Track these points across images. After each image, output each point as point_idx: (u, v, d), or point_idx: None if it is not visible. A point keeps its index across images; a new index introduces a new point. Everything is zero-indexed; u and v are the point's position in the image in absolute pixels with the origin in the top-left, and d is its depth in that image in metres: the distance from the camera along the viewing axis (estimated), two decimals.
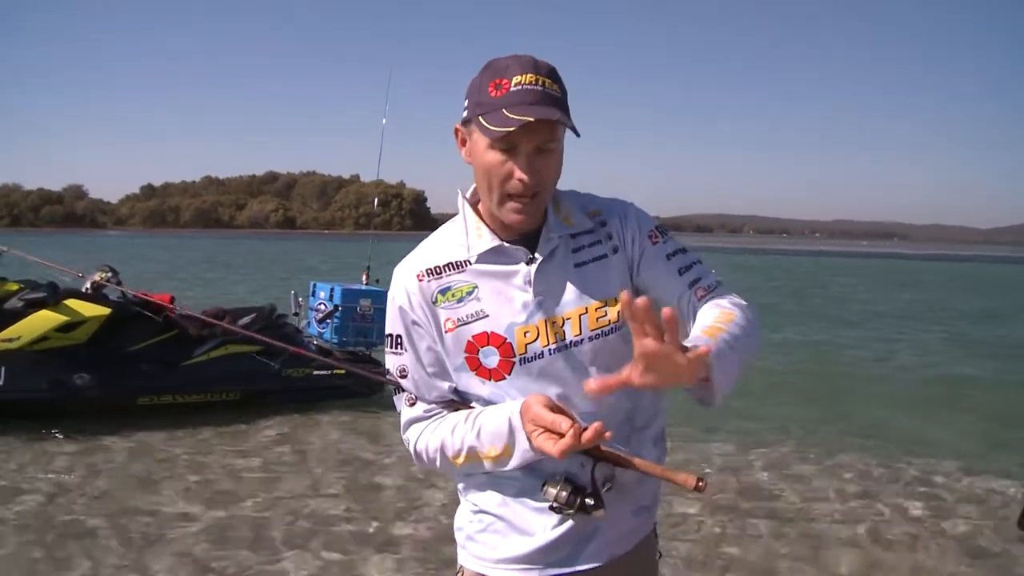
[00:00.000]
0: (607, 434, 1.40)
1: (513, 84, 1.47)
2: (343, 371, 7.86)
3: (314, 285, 8.59)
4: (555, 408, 1.47)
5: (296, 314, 8.35)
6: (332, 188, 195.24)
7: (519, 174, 1.49)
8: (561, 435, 1.42)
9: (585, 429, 1.40)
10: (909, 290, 31.12)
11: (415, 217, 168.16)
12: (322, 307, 8.16)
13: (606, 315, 1.59)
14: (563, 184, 1.66)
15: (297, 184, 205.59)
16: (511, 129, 1.44)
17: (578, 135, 1.52)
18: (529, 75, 1.48)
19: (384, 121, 8.94)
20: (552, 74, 1.51)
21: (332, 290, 8.20)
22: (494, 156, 1.50)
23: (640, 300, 1.23)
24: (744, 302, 1.62)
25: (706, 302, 1.60)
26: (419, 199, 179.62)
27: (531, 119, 1.43)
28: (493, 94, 1.48)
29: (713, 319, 1.52)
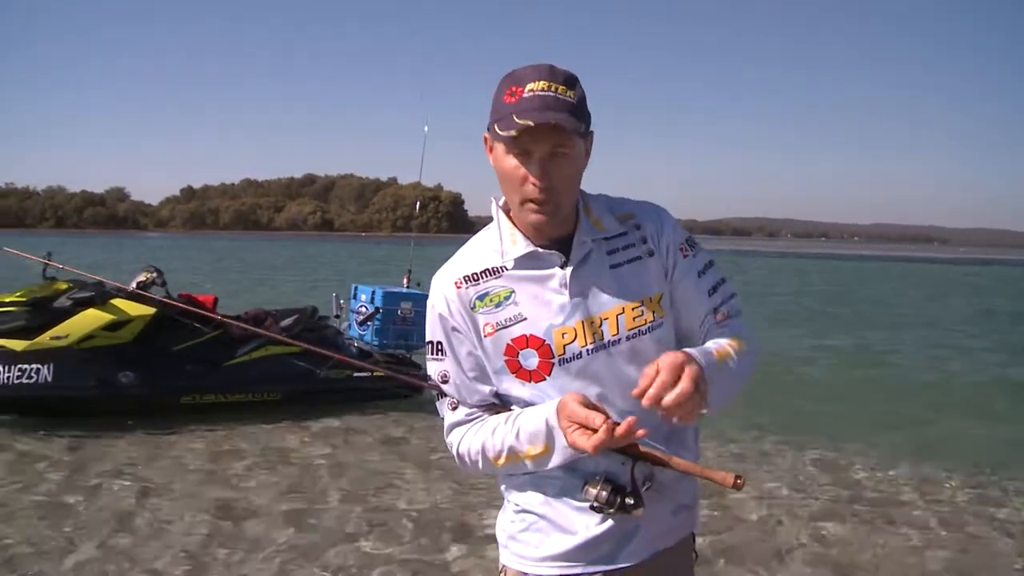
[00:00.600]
0: (640, 431, 1.44)
1: (526, 91, 1.51)
2: (383, 373, 7.92)
3: (355, 288, 8.63)
4: (590, 405, 1.50)
5: (337, 316, 8.40)
6: (370, 190, 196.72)
7: (532, 178, 1.53)
8: (595, 431, 1.46)
9: (618, 425, 1.44)
10: (962, 295, 30.61)
11: (452, 220, 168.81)
12: (363, 309, 8.20)
13: (643, 314, 1.62)
14: (596, 186, 1.71)
15: (335, 186, 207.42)
16: (514, 133, 1.48)
17: (582, 135, 1.55)
18: (543, 82, 1.52)
19: (426, 129, 9.01)
20: (568, 81, 1.54)
21: (373, 293, 8.24)
22: (511, 161, 1.55)
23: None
24: (749, 335, 1.71)
25: (723, 327, 1.69)
26: (456, 201, 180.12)
27: (531, 123, 1.47)
28: (507, 101, 1.53)
29: (724, 341, 1.64)
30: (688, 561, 1.78)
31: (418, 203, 10.97)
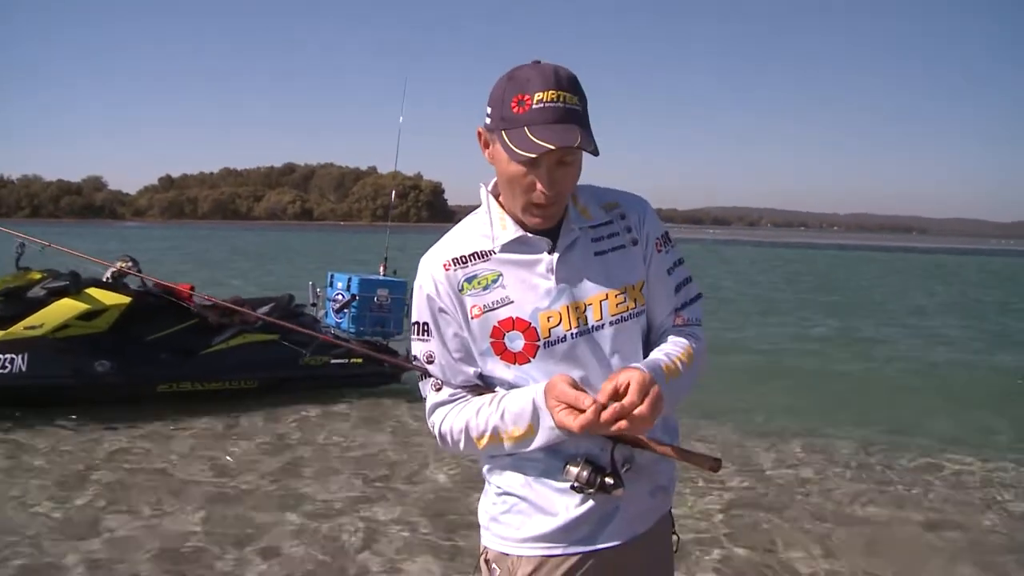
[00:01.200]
0: (621, 423, 1.49)
1: (535, 102, 1.52)
2: (360, 360, 7.95)
3: (331, 275, 8.63)
4: (577, 387, 1.55)
5: (314, 304, 8.40)
6: (349, 180, 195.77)
7: (541, 187, 1.57)
8: (582, 412, 1.50)
9: (605, 407, 1.49)
10: (943, 283, 30.90)
11: (432, 209, 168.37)
12: (339, 297, 8.20)
13: (625, 301, 1.67)
14: (583, 173, 1.74)
15: (315, 176, 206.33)
16: (533, 156, 1.50)
17: (596, 154, 1.56)
18: (551, 91, 1.52)
19: (401, 119, 9.00)
20: (572, 85, 1.56)
21: (349, 280, 8.24)
22: (517, 168, 1.57)
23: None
24: (700, 341, 1.77)
25: (677, 331, 1.76)
26: (436, 191, 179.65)
27: (552, 147, 1.49)
28: (516, 110, 1.53)
29: (676, 352, 1.70)
30: (667, 542, 1.83)
31: (393, 192, 10.92)
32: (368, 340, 8.16)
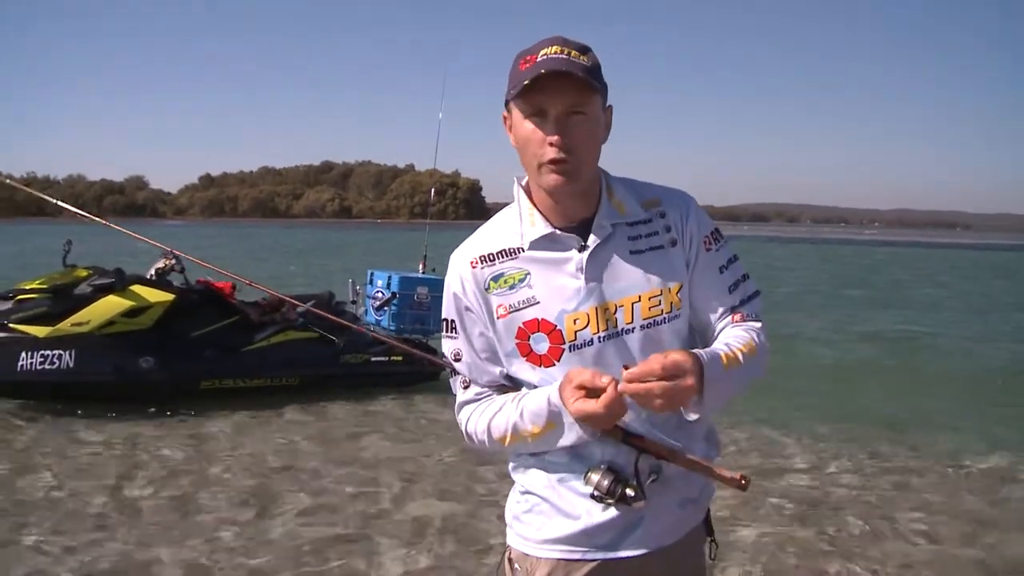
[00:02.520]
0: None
1: (540, 56, 1.52)
2: (400, 358, 7.98)
3: (372, 273, 8.67)
4: (596, 375, 1.49)
5: (354, 302, 8.44)
6: (387, 177, 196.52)
7: (549, 136, 1.52)
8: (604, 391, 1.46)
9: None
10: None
11: (469, 206, 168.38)
12: (380, 295, 8.23)
13: (659, 304, 1.60)
14: (614, 171, 1.69)
15: (353, 174, 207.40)
16: (527, 82, 1.48)
17: (596, 90, 1.53)
18: (556, 47, 1.52)
19: (440, 115, 9.01)
20: (582, 48, 1.54)
21: (389, 278, 8.27)
22: (528, 126, 1.54)
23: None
24: (764, 338, 1.67)
25: (736, 327, 1.65)
26: (474, 188, 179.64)
27: (543, 71, 1.47)
28: (522, 68, 1.53)
29: (737, 342, 1.59)
30: (699, 554, 1.75)
31: (432, 190, 10.94)
32: (408, 338, 8.19)
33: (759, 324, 1.69)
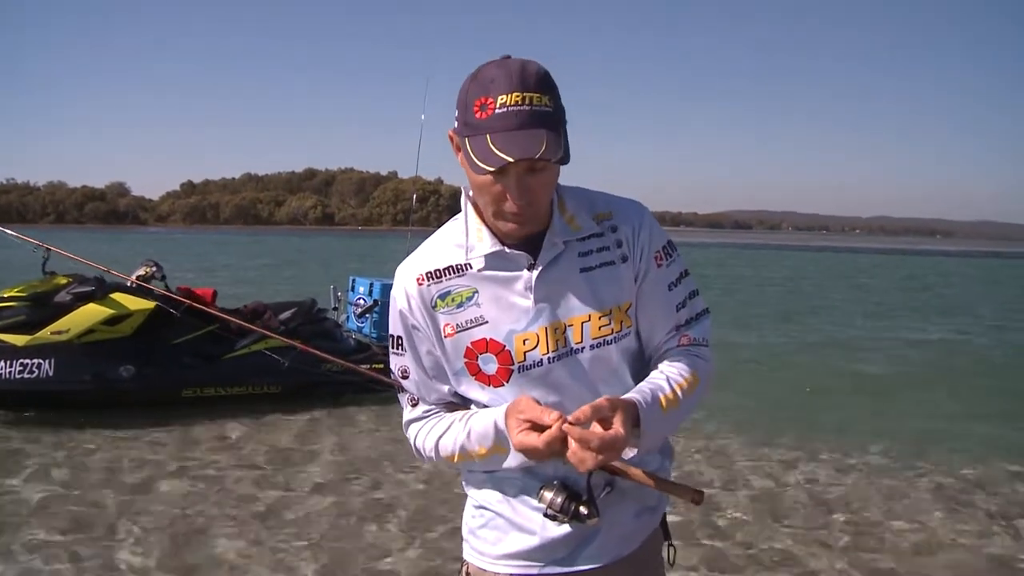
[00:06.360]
0: (590, 429, 1.39)
1: (498, 105, 1.39)
2: (381, 365, 7.96)
3: (353, 280, 8.68)
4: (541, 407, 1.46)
5: (336, 309, 8.45)
6: (370, 185, 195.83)
7: (510, 198, 1.45)
8: (547, 428, 1.42)
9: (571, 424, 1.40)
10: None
11: (452, 213, 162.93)
12: (361, 302, 8.25)
13: (609, 323, 1.56)
14: (592, 181, 1.65)
15: (335, 181, 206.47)
16: (491, 169, 1.38)
17: (564, 162, 1.45)
18: (515, 94, 1.38)
19: (423, 117, 9.00)
20: (541, 83, 1.42)
21: (371, 285, 8.28)
22: (485, 177, 1.45)
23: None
24: (707, 363, 1.63)
25: (681, 353, 1.61)
26: (456, 195, 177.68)
27: (510, 160, 1.36)
28: (478, 116, 1.41)
29: (679, 376, 1.56)
30: (657, 560, 1.74)
31: (414, 197, 10.97)
32: (386, 346, 8.19)
33: (706, 348, 1.66)
